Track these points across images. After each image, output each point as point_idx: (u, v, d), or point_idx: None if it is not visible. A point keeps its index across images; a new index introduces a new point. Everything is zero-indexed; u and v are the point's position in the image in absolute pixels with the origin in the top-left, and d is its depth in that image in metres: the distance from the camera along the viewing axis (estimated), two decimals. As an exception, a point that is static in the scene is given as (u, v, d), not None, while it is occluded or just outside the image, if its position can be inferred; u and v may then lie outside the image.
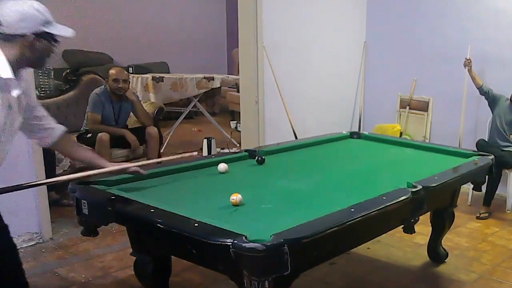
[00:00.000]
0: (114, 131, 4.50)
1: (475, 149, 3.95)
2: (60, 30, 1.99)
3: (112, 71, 4.56)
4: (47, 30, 1.95)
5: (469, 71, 4.71)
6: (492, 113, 4.68)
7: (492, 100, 4.67)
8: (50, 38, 1.98)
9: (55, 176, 4.25)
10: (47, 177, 3.73)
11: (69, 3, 7.42)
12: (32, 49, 1.93)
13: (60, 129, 2.30)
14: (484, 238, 4.00)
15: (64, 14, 7.14)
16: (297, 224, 1.92)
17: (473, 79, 4.71)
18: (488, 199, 4.44)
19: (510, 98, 4.53)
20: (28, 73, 3.52)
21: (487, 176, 3.41)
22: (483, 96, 4.71)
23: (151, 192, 2.46)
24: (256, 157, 3.08)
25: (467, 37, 5.03)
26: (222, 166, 2.85)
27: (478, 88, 4.71)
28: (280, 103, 4.93)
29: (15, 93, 1.91)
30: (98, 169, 2.42)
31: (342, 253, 2.65)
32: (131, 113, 4.75)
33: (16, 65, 1.92)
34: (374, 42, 5.88)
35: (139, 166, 2.56)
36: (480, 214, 4.41)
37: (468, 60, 4.70)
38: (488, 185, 4.30)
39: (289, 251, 1.73)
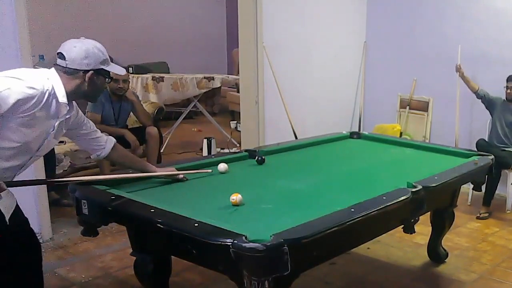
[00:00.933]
0: (114, 131, 4.49)
1: (474, 149, 3.96)
2: (115, 69, 2.27)
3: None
4: (104, 68, 2.19)
5: (462, 76, 4.73)
6: (492, 116, 4.69)
7: (489, 104, 4.70)
8: (106, 75, 2.22)
9: (55, 176, 4.26)
10: (47, 177, 3.74)
11: (69, 3, 7.42)
12: (90, 83, 2.15)
13: (111, 141, 2.48)
14: (484, 238, 4.00)
15: (64, 14, 7.16)
16: (297, 224, 1.93)
17: (468, 83, 4.73)
18: (488, 199, 4.44)
19: (506, 98, 4.54)
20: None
21: (486, 176, 3.41)
22: (480, 100, 4.73)
23: (151, 192, 2.46)
24: (256, 157, 3.08)
25: (467, 37, 5.04)
26: (222, 166, 2.85)
27: (474, 93, 4.73)
28: (280, 103, 4.93)
29: (62, 117, 2.13)
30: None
31: (342, 253, 2.65)
32: (131, 113, 4.75)
33: (72, 96, 2.15)
34: (374, 42, 5.88)
35: (185, 173, 2.69)
36: (480, 214, 4.41)
37: (458, 66, 4.71)
38: (487, 185, 4.30)
39: (289, 251, 1.73)
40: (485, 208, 4.45)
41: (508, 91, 4.50)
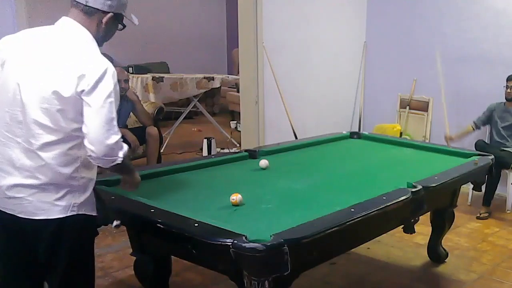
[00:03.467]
0: None
1: (474, 149, 3.96)
2: (133, 17, 2.09)
3: None
4: (123, 13, 2.02)
5: (456, 138, 4.73)
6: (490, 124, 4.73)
7: (487, 121, 4.74)
8: (121, 21, 2.04)
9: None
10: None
11: (69, 3, 7.42)
12: (106, 26, 1.95)
13: None
14: (484, 238, 4.00)
15: (64, 14, 7.16)
16: (297, 224, 1.93)
17: (464, 135, 4.76)
18: (488, 199, 4.44)
19: (506, 98, 4.53)
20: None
21: (486, 176, 3.41)
22: (479, 128, 4.76)
23: (151, 192, 2.46)
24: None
25: (467, 37, 5.03)
26: (263, 162, 2.89)
27: (474, 130, 4.75)
28: (280, 103, 4.93)
29: None
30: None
31: (342, 253, 2.65)
32: (131, 113, 4.76)
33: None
34: (374, 42, 5.88)
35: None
36: (480, 214, 4.41)
37: (449, 137, 4.73)
38: (487, 185, 4.30)
39: (289, 251, 1.73)
40: (485, 208, 4.45)
41: (508, 90, 4.50)
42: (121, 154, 1.84)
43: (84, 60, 1.81)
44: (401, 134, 5.52)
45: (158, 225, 1.99)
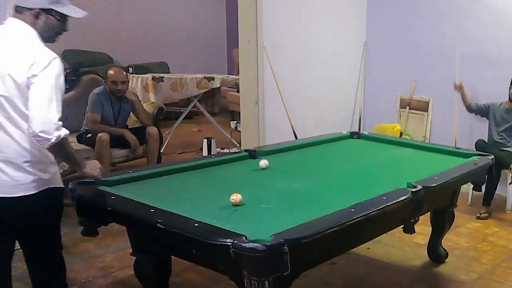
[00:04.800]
0: (114, 130, 4.50)
1: (474, 149, 3.96)
2: (69, 11, 2.19)
3: (110, 72, 4.55)
4: (54, 8, 2.13)
5: (462, 93, 4.74)
6: (488, 120, 4.71)
7: (482, 112, 4.72)
8: (58, 16, 2.15)
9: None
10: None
11: (70, 2, 7.42)
12: (40, 23, 2.11)
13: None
14: (484, 238, 4.00)
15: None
16: (297, 224, 1.93)
17: (465, 98, 4.75)
18: (488, 199, 4.44)
19: (510, 98, 4.53)
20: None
21: (486, 176, 3.41)
22: (473, 113, 4.76)
23: (151, 192, 2.46)
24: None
25: (467, 37, 5.03)
26: (263, 163, 2.89)
27: (466, 107, 4.75)
28: (280, 103, 4.93)
29: None
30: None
31: (342, 253, 2.65)
32: (131, 113, 4.75)
33: None
34: (374, 42, 5.88)
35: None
36: (480, 214, 4.41)
37: (459, 86, 4.72)
38: (487, 185, 4.30)
39: (289, 251, 1.73)
40: (485, 208, 4.45)
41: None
42: (56, 134, 2.00)
43: (34, 51, 2.06)
44: (401, 134, 5.52)
45: (158, 225, 1.99)
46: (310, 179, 2.82)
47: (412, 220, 2.54)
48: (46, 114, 2.00)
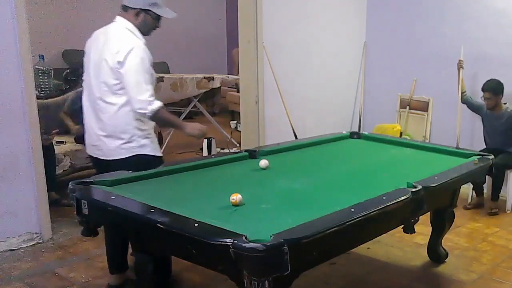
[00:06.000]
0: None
1: (474, 149, 3.96)
2: (163, 12, 2.79)
3: None
4: (151, 9, 2.73)
5: (461, 73, 4.74)
6: (482, 121, 4.73)
7: (475, 108, 4.74)
8: (154, 15, 2.77)
9: (55, 176, 4.27)
10: (47, 177, 3.74)
11: (70, 2, 7.42)
12: (141, 19, 2.74)
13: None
14: (484, 238, 4.00)
15: (64, 14, 7.16)
16: (297, 224, 1.92)
17: (462, 82, 4.75)
18: (496, 194, 4.47)
19: (486, 107, 4.54)
20: (27, 71, 3.55)
21: (493, 173, 3.41)
22: (465, 105, 4.77)
23: (151, 192, 2.46)
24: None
25: (467, 37, 5.03)
26: (263, 163, 2.90)
27: (461, 94, 4.76)
28: (280, 103, 4.93)
29: None
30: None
31: (342, 253, 2.65)
32: None
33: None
34: (374, 42, 5.88)
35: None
36: (491, 209, 4.44)
37: (461, 61, 4.73)
38: (494, 181, 4.36)
39: (289, 251, 1.73)
40: (494, 204, 4.47)
41: (486, 102, 4.53)
42: (150, 108, 2.61)
43: (120, 41, 2.66)
44: (401, 134, 5.52)
45: (158, 225, 1.99)
46: (310, 179, 2.82)
47: (412, 220, 2.54)
48: (136, 95, 2.60)
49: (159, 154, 2.83)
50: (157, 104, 2.64)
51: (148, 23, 2.77)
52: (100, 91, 2.70)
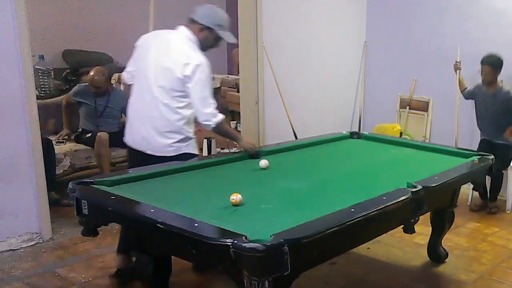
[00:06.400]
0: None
1: (474, 149, 3.96)
2: (224, 35, 2.95)
3: (90, 73, 4.72)
4: (215, 29, 2.91)
5: (459, 73, 4.74)
6: (475, 105, 4.67)
7: (471, 93, 4.69)
8: (216, 35, 2.94)
9: (55, 176, 4.27)
10: (47, 177, 3.74)
11: (69, 3, 7.42)
12: (204, 35, 2.92)
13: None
14: (484, 238, 4.00)
15: (64, 14, 7.15)
16: (297, 224, 1.92)
17: (461, 81, 4.75)
18: (495, 195, 4.49)
19: (482, 81, 4.48)
20: (27, 71, 3.55)
21: (493, 174, 3.41)
22: (468, 100, 4.75)
23: (151, 192, 2.46)
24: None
25: (467, 37, 5.04)
26: (263, 163, 2.92)
27: (462, 91, 4.75)
28: (280, 103, 4.93)
29: None
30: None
31: (342, 253, 2.65)
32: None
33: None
34: (374, 42, 5.88)
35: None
36: (490, 209, 4.46)
37: (458, 62, 4.71)
38: (493, 181, 4.38)
39: (289, 251, 1.73)
40: (493, 203, 4.50)
41: (483, 76, 4.46)
42: (213, 120, 2.86)
43: (188, 55, 2.83)
44: (401, 134, 5.52)
45: (158, 225, 1.99)
46: (310, 179, 2.82)
47: (412, 220, 2.54)
48: (203, 109, 2.84)
49: (198, 152, 3.07)
50: (220, 116, 2.90)
51: (208, 40, 2.94)
52: (159, 92, 2.85)
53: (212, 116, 2.86)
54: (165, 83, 2.83)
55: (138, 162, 2.91)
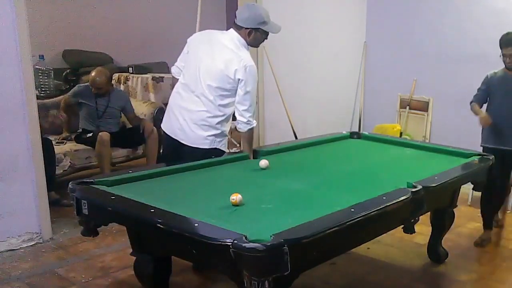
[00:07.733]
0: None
1: (474, 149, 3.93)
2: (270, 28, 3.14)
3: (91, 74, 4.72)
4: (261, 27, 3.08)
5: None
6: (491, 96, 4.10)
7: (485, 89, 4.12)
8: (263, 32, 3.12)
9: (55, 176, 4.27)
10: (47, 177, 3.74)
11: (69, 3, 7.41)
12: (253, 37, 3.09)
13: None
14: (484, 238, 3.99)
15: (64, 14, 7.15)
16: (297, 224, 1.93)
17: (479, 112, 4.05)
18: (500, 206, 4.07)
19: (506, 67, 3.91)
20: (27, 71, 3.54)
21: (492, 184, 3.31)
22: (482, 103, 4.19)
23: (151, 192, 2.46)
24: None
25: (467, 37, 5.03)
26: (263, 162, 2.92)
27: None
28: (280, 103, 4.93)
29: None
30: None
31: (342, 253, 2.65)
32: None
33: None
34: (374, 42, 5.88)
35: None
36: (497, 222, 4.07)
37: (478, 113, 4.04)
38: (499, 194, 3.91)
39: (289, 251, 1.73)
40: (497, 217, 4.10)
41: (507, 59, 3.96)
42: (249, 126, 3.14)
43: (241, 59, 3.01)
44: (401, 134, 5.52)
45: (158, 225, 1.99)
46: (310, 179, 2.82)
47: (412, 220, 2.54)
48: (244, 112, 3.10)
49: (227, 151, 3.22)
50: (254, 123, 3.17)
51: (258, 39, 3.13)
52: (206, 89, 3.04)
53: (249, 120, 3.11)
54: (214, 81, 3.02)
55: (172, 150, 3.14)
